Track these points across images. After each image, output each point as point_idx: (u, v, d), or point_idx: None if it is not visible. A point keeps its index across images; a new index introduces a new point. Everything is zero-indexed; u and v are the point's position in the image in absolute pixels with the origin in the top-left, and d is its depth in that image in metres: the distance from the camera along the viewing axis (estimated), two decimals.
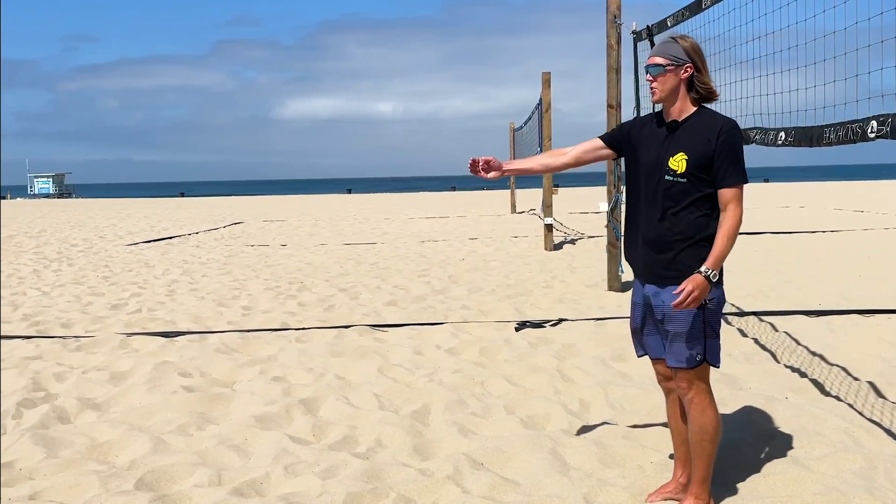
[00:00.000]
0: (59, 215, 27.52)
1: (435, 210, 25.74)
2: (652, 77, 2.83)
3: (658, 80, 2.82)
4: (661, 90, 2.83)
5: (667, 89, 2.83)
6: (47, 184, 60.62)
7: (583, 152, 3.15)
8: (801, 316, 6.42)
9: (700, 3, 5.16)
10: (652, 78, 2.83)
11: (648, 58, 2.89)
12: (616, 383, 4.60)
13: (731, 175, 2.77)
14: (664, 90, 2.83)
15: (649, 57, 2.88)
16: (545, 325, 6.33)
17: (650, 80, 2.84)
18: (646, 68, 2.87)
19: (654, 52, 2.88)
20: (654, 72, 2.81)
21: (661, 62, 2.81)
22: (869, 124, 3.08)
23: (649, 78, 2.84)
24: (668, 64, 2.81)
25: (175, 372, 4.99)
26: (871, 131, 3.07)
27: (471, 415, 4.11)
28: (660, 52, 2.85)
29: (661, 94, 2.84)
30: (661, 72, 2.81)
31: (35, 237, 17.15)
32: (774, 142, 3.91)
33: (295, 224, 20.02)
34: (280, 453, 3.58)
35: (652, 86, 2.84)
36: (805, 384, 4.48)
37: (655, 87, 2.83)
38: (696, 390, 2.86)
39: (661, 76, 2.81)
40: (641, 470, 3.36)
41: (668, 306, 2.82)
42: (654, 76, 2.82)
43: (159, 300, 7.99)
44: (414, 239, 14.72)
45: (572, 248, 12.42)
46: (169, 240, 15.75)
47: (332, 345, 5.74)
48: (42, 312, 7.37)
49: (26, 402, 4.36)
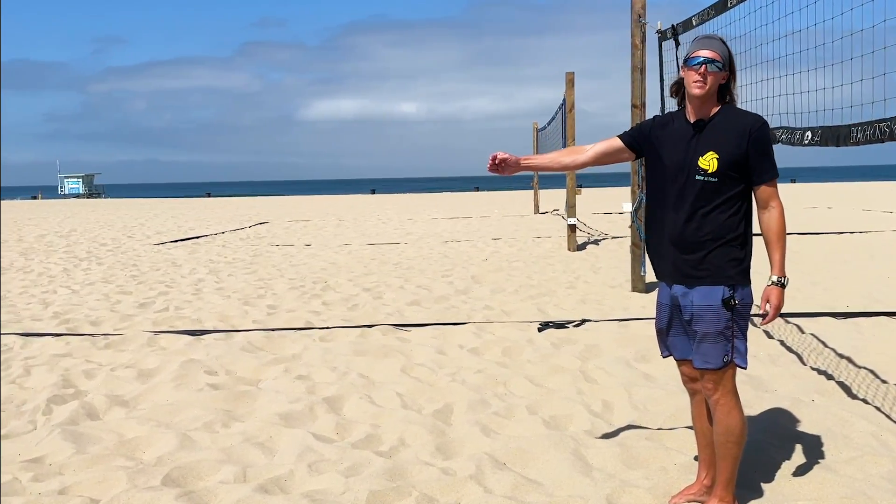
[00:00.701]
0: (88, 215, 27.95)
1: (458, 210, 25.74)
2: (707, 71, 2.74)
3: (712, 75, 2.76)
4: (709, 86, 2.77)
5: (713, 87, 2.79)
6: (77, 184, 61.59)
7: (603, 154, 3.12)
8: (827, 317, 6.34)
9: (726, 2, 5.12)
10: (707, 72, 2.75)
11: (700, 50, 2.77)
12: (640, 384, 4.58)
13: (767, 171, 2.79)
14: (712, 87, 2.78)
15: (704, 50, 2.76)
16: (568, 325, 6.31)
17: (704, 73, 2.74)
18: (702, 60, 2.75)
19: (709, 46, 2.78)
20: (712, 67, 2.75)
21: (719, 59, 2.77)
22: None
23: (704, 70, 2.75)
24: (722, 63, 2.79)
25: (201, 370, 5.05)
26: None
27: (493, 415, 4.12)
28: (714, 47, 2.78)
29: (707, 90, 2.77)
30: (716, 69, 2.76)
31: (65, 236, 17.43)
32: (801, 141, 3.87)
33: (319, 224, 20.14)
34: (304, 451, 3.61)
35: (706, 79, 2.74)
36: (832, 386, 4.43)
37: (708, 81, 2.75)
38: (723, 391, 2.85)
39: (715, 73, 2.76)
40: (665, 471, 3.35)
41: (697, 306, 2.81)
42: (710, 71, 2.75)
43: (186, 299, 8.09)
44: (437, 239, 14.74)
45: (596, 248, 12.36)
46: (196, 239, 15.93)
47: (356, 344, 5.77)
48: (72, 310, 7.50)
49: (56, 399, 4.45)
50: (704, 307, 2.80)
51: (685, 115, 2.90)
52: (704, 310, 2.80)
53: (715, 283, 2.79)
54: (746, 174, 2.80)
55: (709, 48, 2.79)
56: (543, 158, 3.32)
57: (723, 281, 2.79)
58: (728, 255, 2.78)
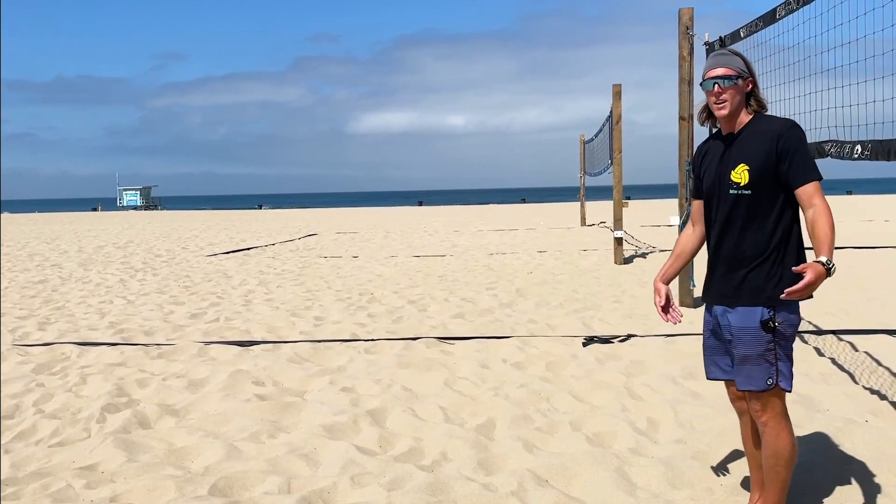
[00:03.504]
0: (145, 226, 28.75)
1: (504, 222, 25.71)
2: (722, 89, 2.74)
3: (728, 91, 2.74)
4: (731, 103, 2.75)
5: (735, 103, 2.76)
6: (135, 196, 63.47)
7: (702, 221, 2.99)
8: (883, 335, 6.14)
9: (774, 14, 5.04)
10: (721, 90, 2.74)
11: (710, 71, 2.78)
12: (686, 402, 4.51)
13: (804, 173, 2.64)
14: (734, 103, 2.76)
15: (711, 70, 2.77)
16: (613, 340, 6.25)
17: (719, 93, 2.74)
18: (713, 81, 2.75)
19: (716, 64, 2.77)
20: (727, 84, 2.73)
21: (732, 73, 2.74)
22: None
23: (718, 90, 2.74)
24: (737, 76, 2.76)
25: (249, 380, 5.16)
26: None
27: (536, 430, 4.10)
28: (725, 63, 2.77)
29: (731, 108, 2.75)
30: (732, 84, 2.74)
31: (122, 248, 17.96)
32: (850, 155, 3.78)
33: (367, 236, 20.34)
34: (347, 463, 3.65)
35: (721, 97, 2.75)
36: (886, 407, 4.29)
37: (726, 99, 2.75)
38: (771, 414, 2.78)
39: (732, 88, 2.74)
40: (711, 492, 3.29)
41: (736, 328, 2.75)
42: (724, 88, 2.74)
43: (236, 310, 8.26)
44: (482, 251, 14.75)
45: (643, 261, 12.21)
46: (247, 251, 16.25)
47: (400, 356, 5.81)
48: (127, 320, 7.72)
49: (110, 407, 4.58)
50: (743, 329, 2.74)
51: (719, 133, 2.88)
52: (743, 332, 2.74)
53: (753, 304, 2.71)
54: (783, 184, 2.69)
55: (719, 65, 2.77)
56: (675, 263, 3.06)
57: (762, 302, 2.70)
58: (769, 274, 2.70)
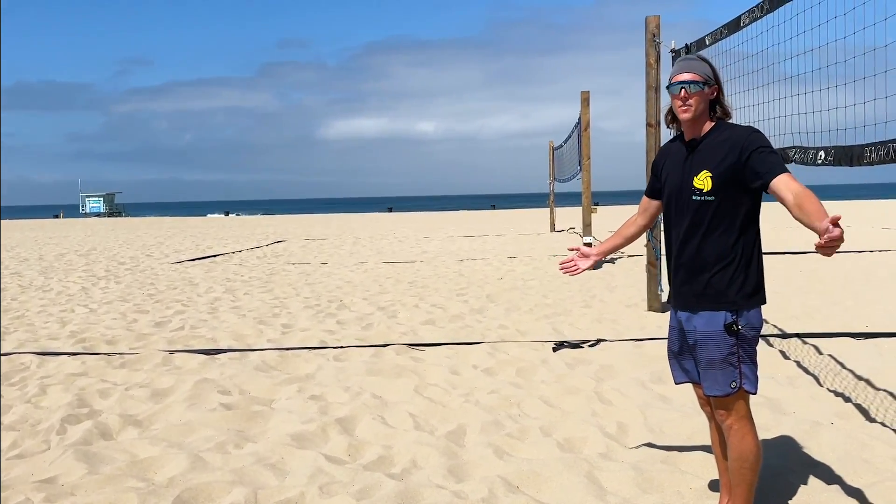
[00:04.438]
0: (108, 234, 28.25)
1: (474, 228, 25.74)
2: (688, 94, 2.75)
3: (694, 97, 2.76)
4: (696, 108, 2.77)
5: (700, 108, 2.78)
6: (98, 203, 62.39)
7: (648, 214, 3.18)
8: (846, 338, 6.24)
9: (739, 22, 5.11)
10: (688, 94, 2.76)
11: (677, 75, 2.79)
12: (655, 406, 4.53)
13: (774, 167, 2.61)
14: (698, 108, 2.77)
15: (679, 74, 2.79)
16: (583, 345, 6.27)
17: (685, 97, 2.76)
18: (680, 85, 2.76)
19: (683, 68, 2.79)
20: (693, 89, 2.75)
21: (699, 79, 2.76)
22: None
23: (685, 94, 2.76)
24: (703, 81, 2.77)
25: (215, 389, 5.06)
26: None
27: (507, 436, 4.08)
28: (692, 68, 2.78)
29: (696, 112, 2.77)
30: (699, 89, 2.76)
31: (85, 255, 17.62)
32: (814, 161, 3.83)
33: (336, 242, 20.21)
34: (315, 473, 3.59)
35: (687, 102, 2.76)
36: (850, 409, 4.35)
37: (691, 103, 2.76)
38: (735, 417, 2.79)
39: (698, 94, 2.76)
40: (680, 496, 3.30)
41: (700, 332, 2.76)
42: (691, 93, 2.75)
43: (202, 318, 8.13)
44: (453, 257, 14.74)
45: (612, 266, 12.29)
46: (213, 258, 16.04)
47: (370, 363, 5.76)
48: (89, 329, 7.56)
49: (70, 419, 4.47)
50: (706, 333, 2.75)
51: (683, 139, 2.90)
52: (707, 336, 2.75)
53: (717, 309, 2.73)
54: (747, 190, 2.69)
55: (686, 70, 2.78)
56: (612, 241, 3.29)
57: (725, 306, 2.72)
58: (731, 279, 2.71)
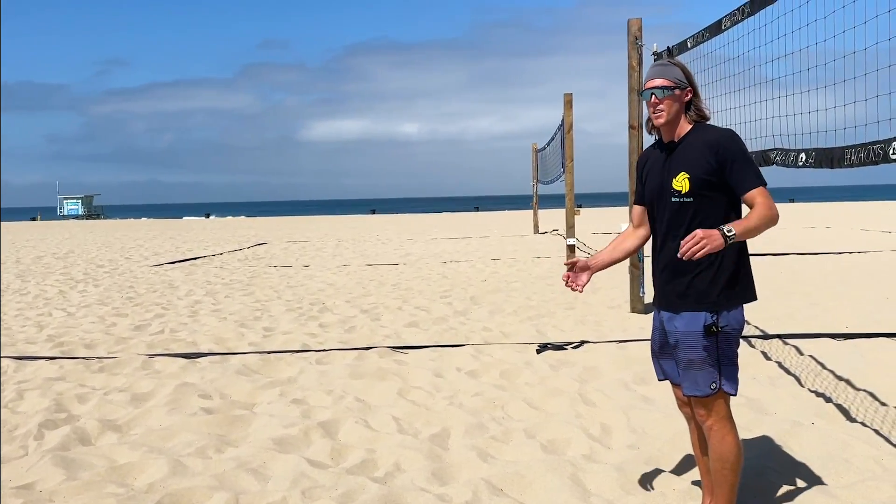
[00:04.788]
0: (86, 236, 27.95)
1: (458, 230, 25.75)
2: (658, 99, 2.78)
3: (665, 102, 2.78)
4: (668, 112, 2.79)
5: (673, 112, 2.80)
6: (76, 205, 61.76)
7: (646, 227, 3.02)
8: (827, 339, 6.29)
9: (720, 24, 5.14)
10: (658, 100, 2.78)
11: (648, 81, 2.82)
12: (638, 407, 4.54)
13: (748, 179, 2.68)
14: (671, 112, 2.80)
15: (650, 80, 2.82)
16: (567, 347, 6.27)
17: (656, 103, 2.79)
18: (650, 92, 2.79)
19: (654, 74, 2.82)
20: (663, 94, 2.77)
21: (669, 84, 2.78)
22: (891, 145, 3.03)
23: (655, 100, 2.79)
24: (674, 86, 2.79)
25: (195, 393, 5.01)
26: (893, 152, 3.01)
27: (491, 439, 4.07)
28: (662, 74, 2.81)
29: (668, 117, 2.80)
30: (669, 94, 2.78)
31: (62, 258, 17.41)
32: (795, 163, 3.86)
33: (318, 245, 20.12)
34: (298, 477, 3.56)
35: (658, 108, 2.79)
36: (831, 409, 4.39)
37: (663, 109, 2.79)
38: (715, 418, 2.80)
39: (669, 98, 2.78)
40: (664, 497, 3.30)
41: (681, 333, 2.77)
42: (661, 98, 2.78)
43: (182, 321, 8.05)
44: (436, 259, 14.72)
45: None
46: (193, 261, 15.91)
47: (353, 367, 5.73)
48: (67, 333, 7.46)
49: (48, 424, 4.40)
50: (687, 333, 2.76)
51: (662, 143, 2.91)
52: (687, 336, 2.76)
53: (697, 309, 2.74)
54: (725, 192, 2.73)
55: (657, 76, 2.81)
56: (609, 254, 3.11)
57: (706, 307, 2.73)
58: (713, 280, 2.73)
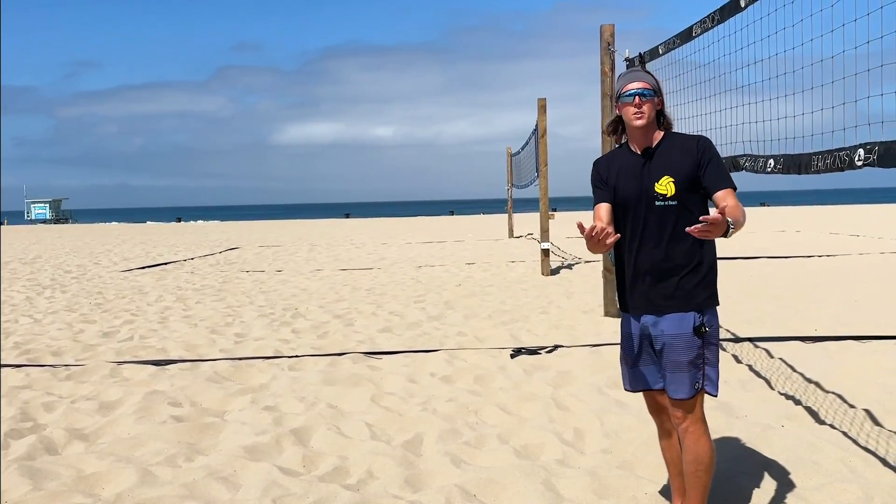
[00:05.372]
0: (54, 241, 27.49)
1: (433, 235, 25.73)
2: (642, 101, 2.80)
3: (647, 104, 2.81)
4: (648, 115, 2.82)
5: (651, 115, 2.84)
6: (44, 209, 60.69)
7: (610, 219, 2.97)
8: (796, 342, 6.38)
9: (690, 32, 5.19)
10: (641, 102, 2.80)
11: (630, 83, 2.83)
12: (612, 411, 4.55)
13: (721, 179, 2.79)
14: (650, 116, 2.83)
15: (633, 82, 2.83)
16: (540, 351, 6.29)
17: (640, 104, 2.80)
18: (635, 93, 2.81)
19: (637, 78, 2.84)
20: (647, 97, 2.80)
21: (650, 87, 2.82)
22: (856, 152, 3.08)
23: (639, 102, 2.80)
24: (653, 92, 2.83)
25: (165, 401, 4.93)
26: (858, 159, 3.07)
27: (464, 444, 4.06)
28: (643, 78, 2.85)
29: (648, 119, 2.82)
30: (651, 97, 2.81)
31: (29, 263, 17.10)
32: (764, 169, 3.91)
33: (291, 249, 19.99)
34: (269, 485, 3.52)
35: (641, 109, 2.81)
36: (800, 412, 4.44)
37: (644, 110, 2.81)
38: (691, 420, 2.83)
39: (650, 102, 2.81)
40: (636, 501, 3.32)
41: (669, 335, 2.79)
42: (644, 101, 2.81)
43: (151, 327, 7.93)
44: (411, 264, 14.69)
45: (569, 273, 12.40)
46: (164, 266, 15.71)
47: (325, 373, 5.68)
48: (33, 340, 7.32)
49: (13, 433, 4.30)
50: (676, 335, 2.79)
51: (629, 149, 2.92)
52: (676, 338, 2.79)
53: (686, 310, 2.78)
54: (701, 194, 2.82)
55: (637, 80, 2.84)
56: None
57: (693, 307, 2.78)
58: (697, 281, 2.79)
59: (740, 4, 4.11)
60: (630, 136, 2.90)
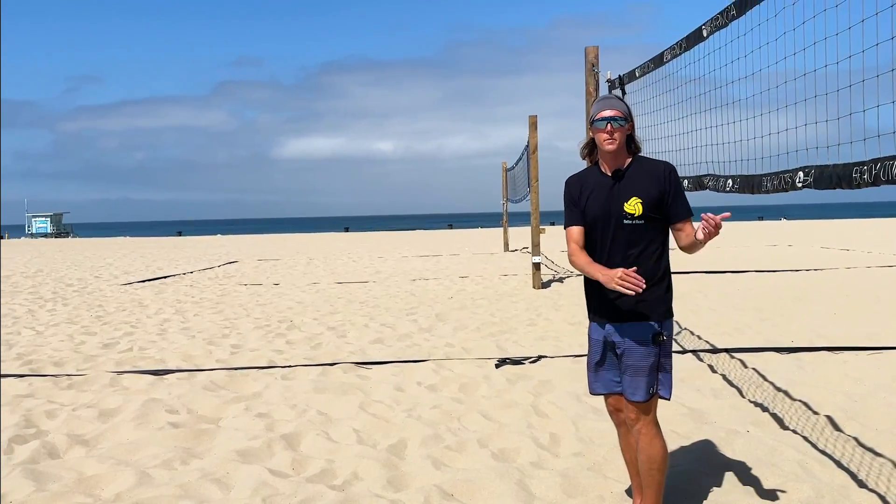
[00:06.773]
0: (55, 255, 27.72)
1: (429, 248, 25.97)
2: (613, 128, 3.04)
3: (618, 131, 3.05)
4: (619, 141, 3.06)
5: (622, 141, 3.08)
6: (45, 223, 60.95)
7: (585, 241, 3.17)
8: (771, 352, 6.60)
9: (662, 57, 5.47)
10: (613, 129, 3.04)
11: (603, 111, 3.05)
12: (588, 417, 4.78)
13: (683, 209, 3.08)
14: (621, 141, 3.07)
15: (606, 110, 3.05)
16: (525, 361, 6.51)
17: (612, 131, 3.04)
18: (607, 121, 3.03)
19: (609, 105, 3.07)
20: (618, 124, 3.04)
21: (622, 115, 3.06)
22: (797, 175, 3.33)
23: (611, 129, 3.04)
24: (625, 118, 3.07)
25: (162, 409, 5.16)
26: (798, 181, 3.32)
27: (445, 448, 4.27)
28: (617, 106, 3.08)
29: (618, 145, 3.07)
30: (623, 124, 3.06)
31: (31, 277, 17.33)
32: (724, 188, 4.16)
33: (289, 263, 20.22)
34: (259, 486, 3.74)
35: (613, 136, 3.04)
36: (766, 418, 4.67)
37: (616, 137, 3.05)
38: (644, 422, 3.06)
39: (621, 128, 3.06)
40: (602, 500, 3.53)
41: (630, 342, 3.03)
42: (616, 128, 3.05)
43: (151, 339, 8.16)
44: (405, 277, 14.92)
45: (560, 286, 12.63)
46: (164, 279, 15.94)
47: (317, 382, 5.91)
48: (35, 351, 7.54)
49: (17, 439, 4.52)
50: (636, 343, 3.03)
51: (599, 170, 3.16)
52: (636, 346, 3.03)
53: (647, 320, 3.02)
54: (664, 215, 3.07)
55: (610, 108, 3.08)
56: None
57: (654, 318, 3.02)
58: (659, 294, 3.03)
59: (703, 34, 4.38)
60: (602, 158, 3.14)
